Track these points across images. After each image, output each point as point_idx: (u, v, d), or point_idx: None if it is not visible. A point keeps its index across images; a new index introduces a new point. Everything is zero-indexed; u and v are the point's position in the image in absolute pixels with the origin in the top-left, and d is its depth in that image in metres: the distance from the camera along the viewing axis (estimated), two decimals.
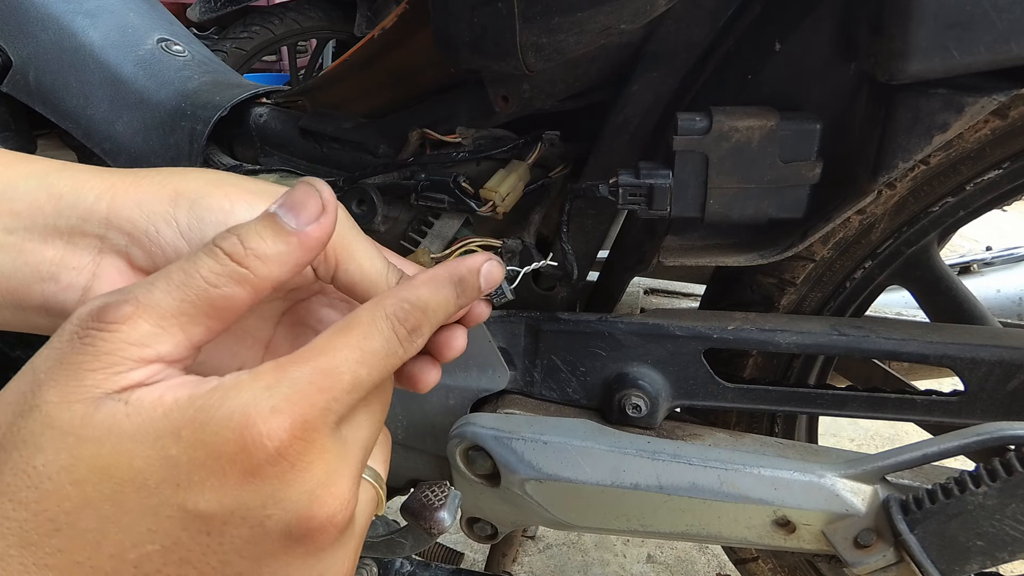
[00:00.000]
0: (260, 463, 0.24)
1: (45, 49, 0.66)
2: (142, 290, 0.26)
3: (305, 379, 0.26)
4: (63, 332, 0.25)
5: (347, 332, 0.28)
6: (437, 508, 0.59)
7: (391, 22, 0.59)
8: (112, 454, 0.24)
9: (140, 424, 0.24)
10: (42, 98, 0.66)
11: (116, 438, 0.24)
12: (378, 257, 0.35)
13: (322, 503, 0.26)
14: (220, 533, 0.25)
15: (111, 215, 0.32)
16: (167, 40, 0.74)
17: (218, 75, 0.74)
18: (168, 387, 0.25)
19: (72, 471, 0.24)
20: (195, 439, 0.24)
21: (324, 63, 3.46)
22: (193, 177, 0.33)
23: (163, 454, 0.24)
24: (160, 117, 0.68)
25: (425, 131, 0.61)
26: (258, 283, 0.27)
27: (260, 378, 0.25)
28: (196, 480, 0.24)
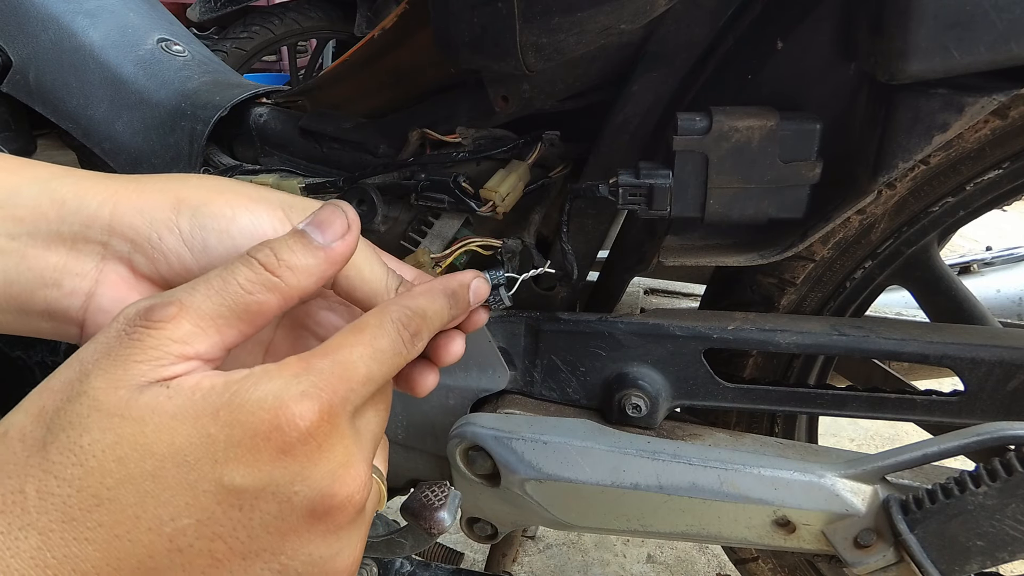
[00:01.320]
0: (292, 442, 0.26)
1: (45, 49, 0.66)
2: (185, 293, 0.28)
3: (328, 370, 0.28)
4: (111, 328, 0.27)
5: (359, 332, 0.30)
6: (437, 508, 0.59)
7: (391, 22, 0.59)
8: (154, 432, 0.26)
9: (180, 405, 0.26)
10: (42, 98, 0.66)
11: (158, 417, 0.26)
12: (378, 263, 0.37)
13: (343, 483, 0.28)
14: (251, 508, 0.27)
15: (114, 222, 0.33)
16: (167, 40, 0.74)
17: (218, 75, 0.74)
18: (205, 375, 0.27)
19: (116, 448, 0.25)
20: (232, 419, 0.26)
21: (324, 63, 3.45)
22: (195, 184, 0.34)
23: (202, 432, 0.26)
24: (160, 117, 0.68)
25: (425, 131, 0.61)
26: (288, 292, 0.30)
27: (288, 368, 0.28)
28: (232, 456, 0.26)
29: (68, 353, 0.84)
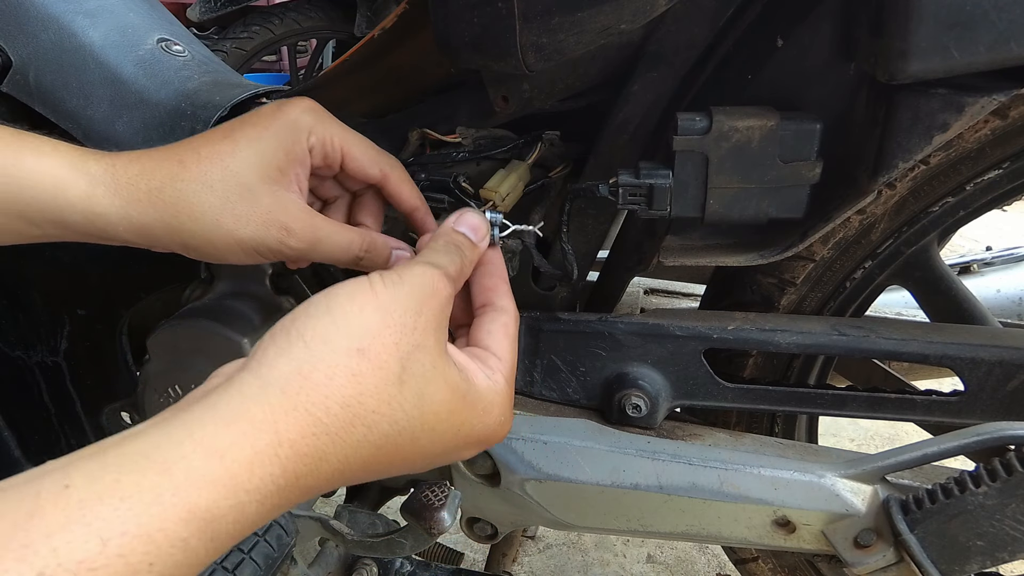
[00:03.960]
0: (499, 436, 0.42)
1: (45, 49, 0.66)
2: (451, 282, 0.41)
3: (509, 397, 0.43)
4: (429, 296, 0.38)
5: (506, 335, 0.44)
6: (437, 508, 0.59)
7: (391, 22, 0.59)
8: (451, 402, 0.37)
9: (465, 390, 0.38)
10: (42, 98, 0.66)
11: (455, 393, 0.37)
12: (371, 146, 0.50)
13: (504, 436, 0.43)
14: (470, 453, 0.41)
15: (150, 245, 0.47)
16: (167, 40, 0.74)
17: (218, 75, 0.74)
18: (475, 374, 0.40)
19: (436, 404, 0.36)
20: (483, 415, 0.40)
21: (324, 63, 3.45)
22: (196, 234, 0.45)
23: (468, 415, 0.39)
24: (160, 117, 0.68)
25: (425, 131, 0.61)
26: (468, 271, 0.44)
27: (507, 395, 0.41)
28: (477, 436, 0.40)
29: (66, 354, 0.83)
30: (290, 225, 0.46)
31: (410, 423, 0.35)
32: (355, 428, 0.33)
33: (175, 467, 0.27)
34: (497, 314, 0.44)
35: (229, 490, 0.28)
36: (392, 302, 0.36)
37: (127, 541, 0.25)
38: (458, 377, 0.38)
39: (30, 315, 0.77)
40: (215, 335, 0.63)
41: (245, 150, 0.45)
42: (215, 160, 0.45)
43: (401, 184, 0.51)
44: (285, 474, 0.30)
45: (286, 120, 0.47)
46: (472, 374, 0.39)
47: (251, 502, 0.29)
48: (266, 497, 0.30)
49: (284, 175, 0.46)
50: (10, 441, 0.81)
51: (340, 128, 0.49)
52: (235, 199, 0.44)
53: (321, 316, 0.34)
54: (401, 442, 0.35)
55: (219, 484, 0.28)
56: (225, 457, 0.29)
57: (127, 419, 0.79)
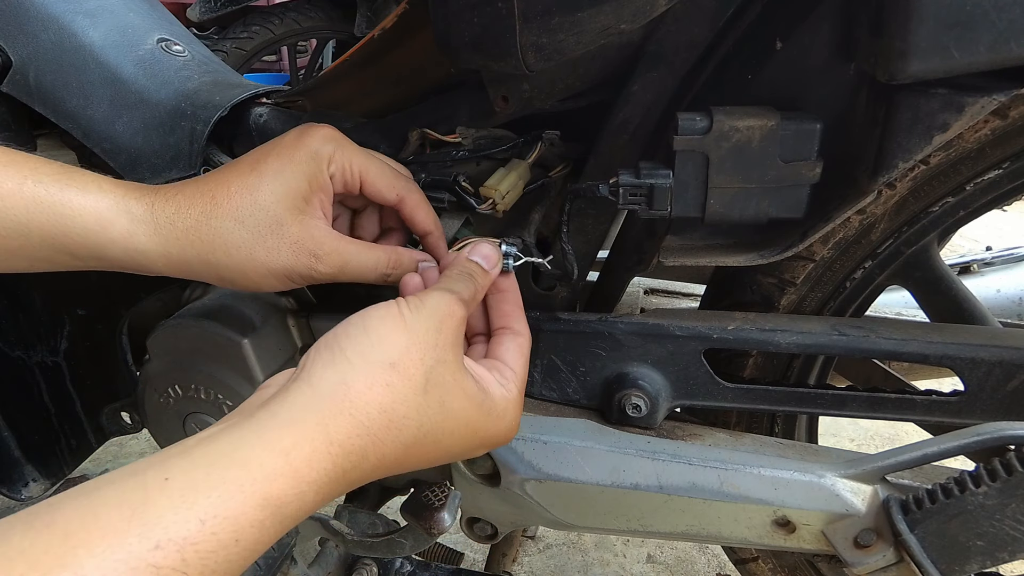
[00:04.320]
0: (508, 438, 0.48)
1: (45, 49, 0.66)
2: (464, 306, 0.46)
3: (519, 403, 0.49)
4: (447, 316, 0.43)
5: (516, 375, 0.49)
6: (437, 508, 0.59)
7: (391, 22, 0.59)
8: (468, 409, 0.43)
9: (481, 401, 0.44)
10: (42, 98, 0.66)
11: (470, 401, 0.43)
12: (387, 171, 0.53)
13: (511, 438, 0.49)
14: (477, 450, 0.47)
15: (184, 277, 0.50)
16: (167, 40, 0.74)
17: (218, 75, 0.74)
18: (488, 384, 0.46)
19: (456, 411, 0.42)
20: (496, 423, 0.45)
21: (324, 63, 3.45)
22: (232, 268, 0.49)
23: (483, 422, 0.44)
24: (160, 117, 0.68)
25: (425, 131, 0.61)
26: (480, 295, 0.49)
27: (518, 403, 0.47)
28: (491, 439, 0.46)
29: (66, 354, 0.83)
30: (318, 252, 0.49)
31: (434, 427, 0.41)
32: (390, 430, 0.39)
33: (251, 463, 0.33)
34: (514, 336, 0.50)
35: (293, 481, 0.34)
36: (416, 323, 0.41)
37: (219, 522, 0.31)
38: (475, 387, 0.44)
39: (30, 315, 0.77)
40: (215, 335, 0.63)
41: (271, 183, 0.48)
42: (244, 195, 0.48)
43: (416, 209, 0.54)
44: (335, 468, 0.37)
45: (308, 150, 0.50)
46: (488, 384, 0.45)
47: (309, 491, 0.35)
48: (321, 487, 0.36)
49: (309, 203, 0.49)
50: (10, 441, 0.81)
51: (359, 154, 0.52)
52: (265, 232, 0.48)
53: (359, 335, 0.40)
54: (427, 443, 0.41)
55: (286, 477, 0.34)
56: (289, 455, 0.35)
57: (127, 419, 0.80)
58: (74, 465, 0.87)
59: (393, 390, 0.39)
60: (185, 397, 0.68)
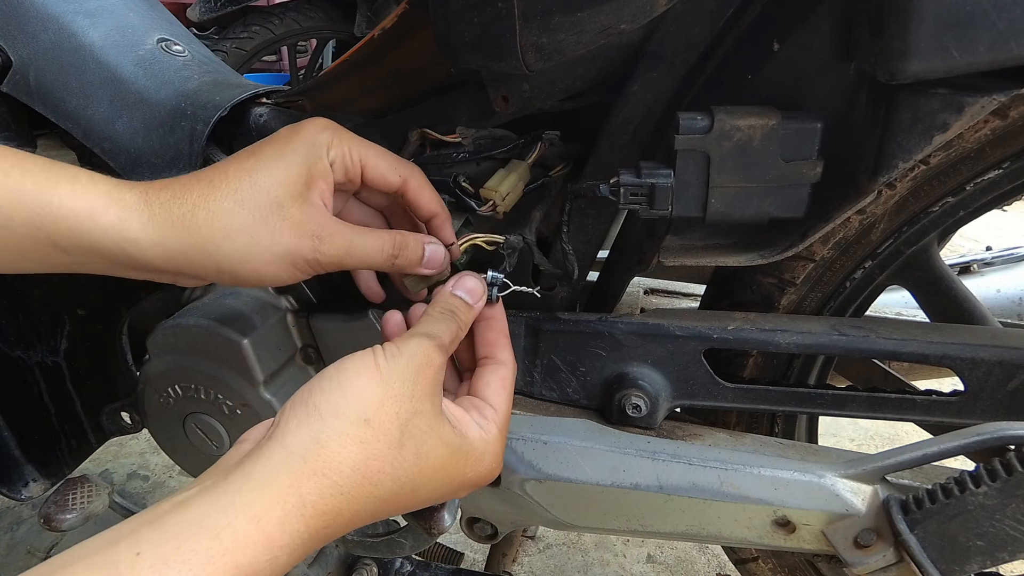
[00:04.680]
0: (490, 478, 0.46)
1: (45, 49, 0.66)
2: (443, 352, 0.45)
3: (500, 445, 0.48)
4: (418, 365, 0.42)
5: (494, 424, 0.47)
6: (437, 508, 0.59)
7: (391, 22, 0.59)
8: (446, 457, 0.42)
9: (459, 446, 0.43)
10: (42, 98, 0.66)
11: (450, 449, 0.43)
12: (388, 154, 0.52)
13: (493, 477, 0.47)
14: (462, 494, 0.46)
15: (178, 273, 0.48)
16: (167, 40, 0.74)
17: (218, 75, 0.74)
18: (469, 432, 0.44)
19: (435, 460, 0.42)
20: (476, 465, 0.45)
21: (324, 63, 3.45)
22: (232, 255, 0.46)
23: (463, 467, 0.44)
24: (160, 117, 0.68)
25: (425, 131, 0.61)
26: (463, 332, 0.48)
27: (498, 443, 0.46)
28: (470, 482, 0.45)
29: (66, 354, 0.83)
30: (321, 233, 0.47)
31: (410, 478, 0.41)
32: (364, 487, 0.39)
33: (223, 533, 0.33)
34: (496, 367, 0.49)
35: (265, 547, 0.34)
36: (392, 374, 0.41)
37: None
38: (452, 434, 0.43)
39: (30, 315, 0.77)
40: (215, 335, 0.63)
41: (270, 166, 0.47)
42: (243, 177, 0.46)
43: (421, 190, 0.53)
44: (309, 530, 0.36)
45: (305, 138, 0.48)
46: (466, 427, 0.44)
47: (282, 555, 0.35)
48: (294, 550, 0.36)
49: (309, 190, 0.48)
50: (10, 441, 0.81)
51: (357, 141, 0.51)
52: (267, 213, 0.46)
53: (333, 391, 0.40)
54: (403, 494, 0.41)
55: (257, 543, 0.34)
56: (261, 520, 0.34)
57: (127, 419, 0.80)
58: (74, 465, 0.88)
59: (367, 447, 0.39)
60: (185, 397, 0.68)
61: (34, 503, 1.37)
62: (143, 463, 1.55)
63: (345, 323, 0.66)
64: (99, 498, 0.69)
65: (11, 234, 0.44)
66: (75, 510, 0.68)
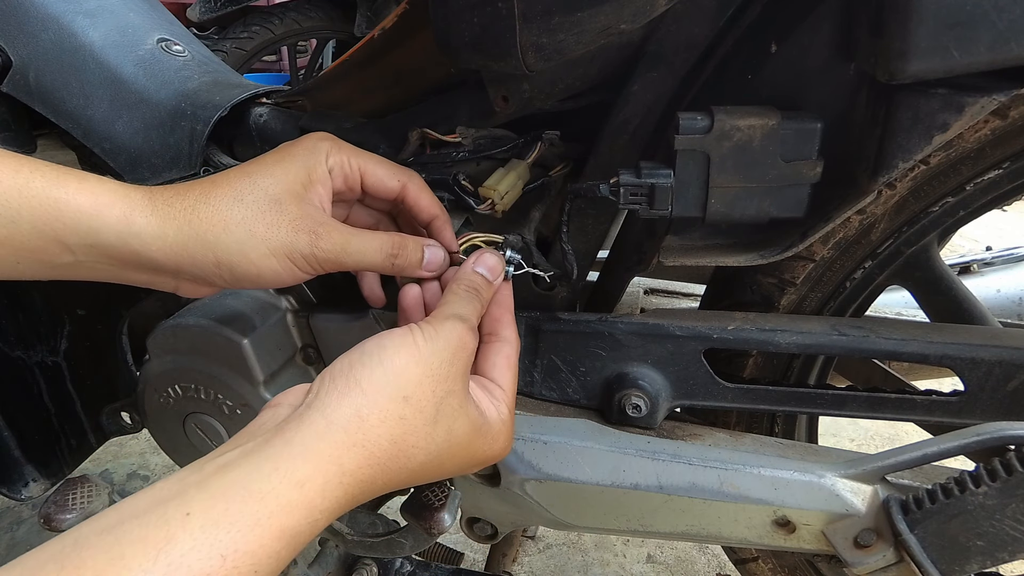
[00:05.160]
0: (503, 455, 0.49)
1: (45, 49, 0.66)
2: (471, 331, 0.47)
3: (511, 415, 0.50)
4: (450, 346, 0.44)
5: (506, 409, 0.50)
6: (437, 508, 0.59)
7: (391, 22, 0.59)
8: (471, 436, 0.45)
9: (480, 425, 0.46)
10: (42, 98, 0.66)
11: (474, 430, 0.45)
12: (386, 161, 0.53)
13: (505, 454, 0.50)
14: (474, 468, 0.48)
15: (178, 270, 0.48)
16: (167, 40, 0.74)
17: (218, 75, 0.74)
18: (488, 412, 0.47)
19: (462, 437, 0.44)
20: (490, 444, 0.47)
21: (324, 63, 3.45)
22: (231, 247, 0.47)
23: (485, 446, 0.47)
24: (160, 117, 0.68)
25: (425, 131, 0.61)
26: (484, 310, 0.50)
27: (510, 422, 0.49)
28: (486, 460, 0.48)
29: (66, 354, 0.83)
30: (318, 229, 0.49)
31: (439, 453, 0.43)
32: (399, 460, 0.41)
33: (268, 497, 0.35)
34: (501, 345, 0.50)
35: (307, 512, 0.36)
36: (431, 355, 0.43)
37: (239, 556, 0.33)
38: (477, 414, 0.45)
39: (30, 315, 0.77)
40: (215, 335, 0.63)
41: (270, 169, 0.49)
42: (243, 178, 0.49)
43: (420, 194, 0.54)
44: (346, 496, 0.39)
45: (305, 145, 0.51)
46: (486, 408, 0.47)
47: (322, 519, 0.37)
48: (332, 514, 0.38)
49: (308, 192, 0.50)
50: (10, 441, 0.81)
51: (355, 151, 0.53)
52: (265, 208, 0.48)
53: (375, 367, 0.42)
54: (431, 467, 0.43)
55: (300, 508, 0.36)
56: (304, 487, 0.36)
57: (127, 419, 0.80)
58: (74, 465, 0.88)
59: (405, 423, 0.41)
60: (185, 397, 0.68)
61: (34, 503, 1.37)
62: (143, 463, 1.55)
63: (345, 323, 0.66)
64: (99, 498, 0.69)
65: (17, 231, 0.45)
66: (75, 510, 0.68)
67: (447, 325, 0.45)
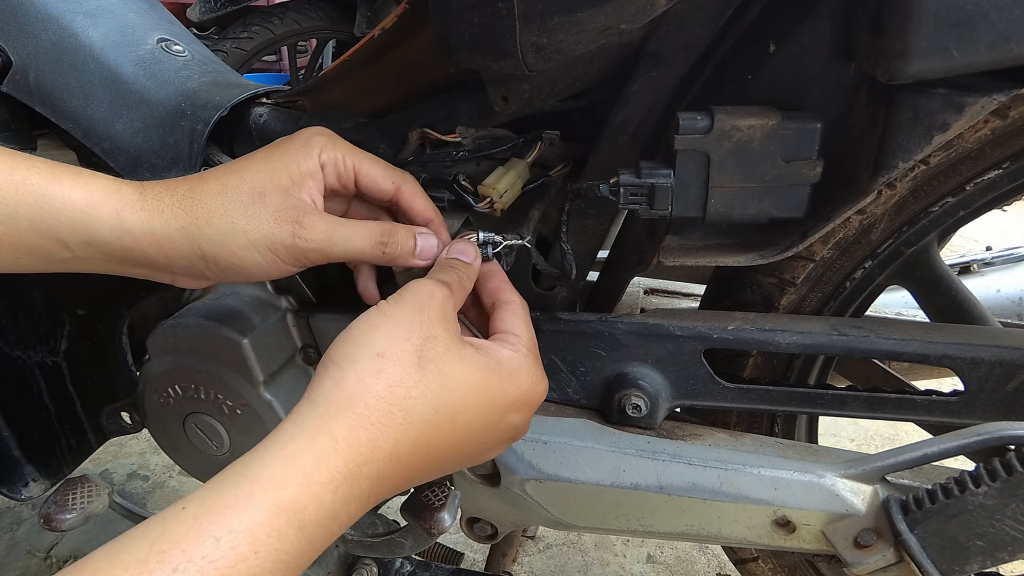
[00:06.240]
0: (536, 403, 0.49)
1: (45, 49, 0.66)
2: (453, 293, 0.47)
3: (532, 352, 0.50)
4: (430, 299, 0.45)
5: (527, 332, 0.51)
6: (437, 508, 0.59)
7: (391, 22, 0.59)
8: (477, 372, 0.44)
9: (487, 363, 0.45)
10: (42, 98, 0.66)
11: (477, 366, 0.44)
12: (381, 162, 0.53)
13: (540, 398, 0.49)
14: (511, 426, 0.47)
15: (170, 264, 0.49)
16: (167, 40, 0.74)
17: (218, 75, 0.74)
18: (494, 347, 0.46)
19: (462, 376, 0.43)
20: (514, 385, 0.46)
21: (324, 63, 3.45)
22: (213, 239, 0.48)
23: (501, 385, 0.45)
24: (160, 117, 0.68)
25: (425, 130, 0.61)
26: (468, 282, 0.50)
27: (533, 361, 0.48)
28: (513, 408, 0.46)
29: (66, 354, 0.83)
30: (300, 219, 0.48)
31: (442, 401, 0.42)
32: (393, 413, 0.40)
33: (261, 476, 0.36)
34: (505, 306, 0.51)
35: (304, 485, 0.36)
36: (397, 312, 0.43)
37: (234, 536, 0.33)
38: (475, 354, 0.44)
39: (30, 315, 0.77)
40: (215, 335, 0.63)
41: (259, 164, 0.50)
42: (231, 173, 0.49)
43: (414, 196, 0.54)
44: (347, 464, 0.38)
45: (297, 141, 0.51)
46: (492, 349, 0.46)
47: (324, 493, 0.37)
48: (338, 487, 0.37)
49: (295, 185, 0.49)
50: (10, 441, 0.81)
51: (351, 149, 0.52)
52: (247, 202, 0.48)
53: (345, 341, 0.42)
54: (441, 420, 0.42)
55: (295, 482, 0.36)
56: (296, 460, 0.37)
57: (127, 419, 0.80)
58: (74, 465, 0.88)
59: (385, 375, 0.40)
60: (185, 397, 0.68)
61: (34, 503, 1.37)
62: (143, 463, 1.55)
63: (345, 323, 0.65)
64: (99, 498, 0.69)
65: (15, 228, 0.45)
66: (75, 510, 0.68)
67: (410, 286, 0.45)
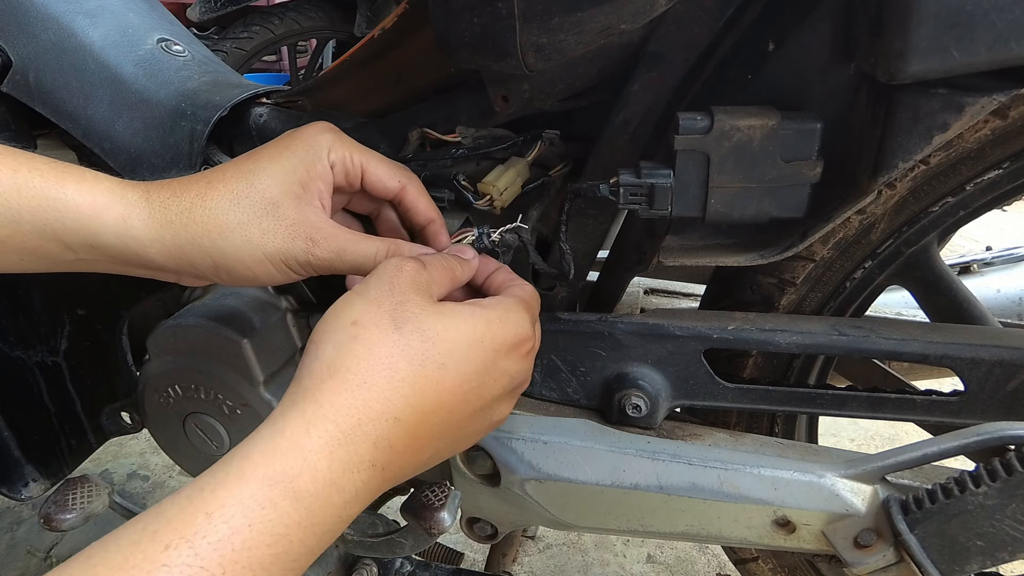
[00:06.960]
0: (529, 346, 0.48)
1: (45, 49, 0.66)
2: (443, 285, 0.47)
3: (535, 302, 0.51)
4: (400, 270, 0.44)
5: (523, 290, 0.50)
6: (437, 508, 0.59)
7: (391, 22, 0.59)
8: (463, 324, 0.43)
9: (469, 315, 0.44)
10: (42, 98, 0.66)
11: (460, 318, 0.43)
12: (387, 161, 0.53)
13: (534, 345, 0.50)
14: (507, 374, 0.46)
15: (178, 270, 0.49)
16: (167, 40, 0.74)
17: (218, 75, 0.74)
18: (470, 305, 0.45)
19: (446, 331, 0.42)
20: (503, 329, 0.45)
21: (324, 63, 3.46)
22: (227, 252, 0.48)
23: (488, 332, 0.44)
24: (160, 117, 0.68)
25: (425, 130, 0.61)
26: (460, 274, 0.49)
27: (525, 304, 0.48)
28: (504, 354, 0.45)
29: (66, 354, 0.83)
30: (314, 235, 0.48)
31: (426, 353, 0.41)
32: (377, 372, 0.39)
33: (252, 451, 0.36)
34: (511, 288, 0.51)
35: (296, 453, 0.36)
36: (367, 287, 0.43)
37: (226, 510, 0.33)
38: (454, 307, 0.44)
39: (30, 315, 0.77)
40: (215, 335, 0.63)
41: (268, 167, 0.48)
42: (240, 178, 0.48)
43: (418, 197, 0.54)
44: (338, 427, 0.38)
45: (305, 139, 0.50)
46: (475, 302, 0.46)
47: (319, 459, 0.36)
48: (332, 451, 0.37)
49: (307, 191, 0.49)
50: (10, 441, 0.81)
51: (358, 146, 0.52)
52: (261, 213, 0.47)
53: (323, 320, 0.42)
54: (428, 372, 0.41)
55: (285, 451, 0.36)
56: (285, 431, 0.37)
57: (127, 419, 0.80)
58: (74, 465, 0.88)
59: (362, 339, 0.40)
60: (185, 397, 0.68)
61: (34, 503, 1.37)
62: (143, 463, 1.55)
63: None
64: (99, 498, 0.69)
65: (19, 230, 0.45)
66: (75, 510, 0.68)
67: (380, 265, 0.45)
